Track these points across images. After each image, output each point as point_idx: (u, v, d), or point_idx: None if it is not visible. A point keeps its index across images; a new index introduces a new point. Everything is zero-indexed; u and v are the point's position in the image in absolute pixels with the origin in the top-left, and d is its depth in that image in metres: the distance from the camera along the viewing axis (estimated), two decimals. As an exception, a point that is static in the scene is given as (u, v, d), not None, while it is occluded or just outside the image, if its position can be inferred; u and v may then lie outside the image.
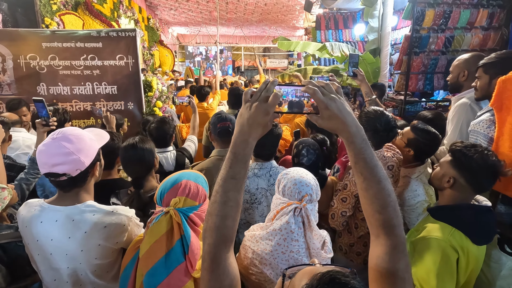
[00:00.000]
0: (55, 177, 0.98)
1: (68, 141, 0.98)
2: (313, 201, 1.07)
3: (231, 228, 0.65)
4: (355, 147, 0.64)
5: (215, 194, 0.65)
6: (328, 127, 0.65)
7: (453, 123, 1.87)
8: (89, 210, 1.03)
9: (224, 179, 0.65)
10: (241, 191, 0.66)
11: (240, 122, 0.66)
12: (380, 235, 0.66)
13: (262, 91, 0.65)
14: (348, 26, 6.45)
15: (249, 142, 0.65)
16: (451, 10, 2.74)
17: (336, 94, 0.64)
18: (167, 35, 12.92)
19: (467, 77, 1.86)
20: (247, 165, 0.67)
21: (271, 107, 0.64)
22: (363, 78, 1.98)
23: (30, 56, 3.06)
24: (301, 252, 1.01)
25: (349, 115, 0.63)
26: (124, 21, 7.38)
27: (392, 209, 0.65)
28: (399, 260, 0.63)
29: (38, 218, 1.00)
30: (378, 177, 0.65)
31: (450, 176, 1.18)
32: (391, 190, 0.66)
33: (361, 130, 0.65)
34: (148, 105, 3.71)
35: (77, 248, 1.00)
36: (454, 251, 1.10)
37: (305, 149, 1.62)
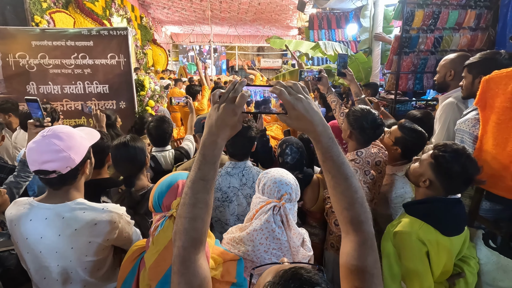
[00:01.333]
0: (45, 175, 0.98)
1: (58, 139, 0.98)
2: (292, 200, 1.08)
3: (200, 230, 0.65)
4: (322, 145, 0.65)
5: (184, 196, 0.65)
6: (296, 126, 0.66)
7: (441, 122, 1.91)
8: (79, 207, 1.03)
9: (193, 180, 0.65)
10: (211, 192, 0.66)
11: (208, 123, 0.66)
12: (349, 231, 0.67)
13: (229, 92, 0.65)
14: (340, 26, 6.51)
15: (218, 143, 0.65)
16: (440, 11, 2.79)
17: (303, 94, 0.65)
18: (160, 34, 12.83)
19: (454, 76, 1.90)
20: (216, 166, 0.67)
21: (239, 107, 0.64)
22: (352, 78, 2.01)
23: (19, 54, 3.02)
24: (283, 249, 1.03)
25: (316, 115, 0.64)
26: (117, 19, 7.31)
27: (359, 205, 0.66)
28: (368, 255, 0.64)
29: (27, 216, 1.00)
30: (345, 174, 0.66)
31: (427, 177, 1.21)
32: (358, 187, 0.67)
33: (328, 129, 0.66)
34: (141, 104, 3.69)
35: (67, 246, 1.00)
36: (422, 244, 1.15)
37: (288, 148, 1.63)
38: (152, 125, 2.00)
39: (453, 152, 1.18)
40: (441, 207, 1.22)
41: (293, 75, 4.96)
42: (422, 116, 2.07)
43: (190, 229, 0.64)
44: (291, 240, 1.03)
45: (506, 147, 1.29)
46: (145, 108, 3.69)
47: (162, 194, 0.92)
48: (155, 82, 4.28)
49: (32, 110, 1.61)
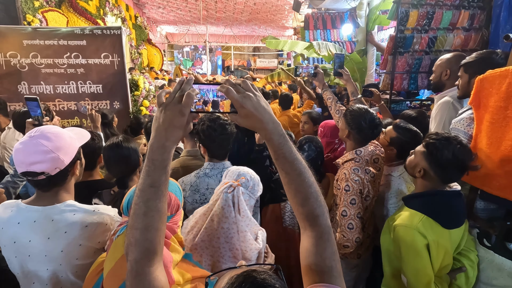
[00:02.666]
0: (33, 176, 0.95)
1: (46, 139, 0.95)
2: (248, 187, 1.12)
3: (154, 240, 0.61)
4: (274, 143, 0.64)
5: (134, 206, 0.61)
6: (246, 125, 0.64)
7: (436, 120, 1.92)
8: (69, 209, 1.00)
9: (142, 189, 0.61)
10: (163, 198, 0.63)
11: (155, 126, 0.62)
12: (306, 227, 0.67)
13: (176, 92, 0.62)
14: (336, 26, 6.52)
15: (167, 147, 0.62)
16: (434, 11, 2.80)
17: (252, 91, 0.63)
18: (155, 34, 12.75)
19: (449, 76, 1.91)
20: (167, 171, 0.63)
21: (186, 107, 0.61)
22: (349, 78, 2.00)
23: (10, 53, 2.97)
24: (231, 230, 1.07)
25: (265, 112, 0.63)
26: (111, 19, 7.24)
27: (314, 199, 0.66)
28: (325, 249, 0.64)
29: (15, 219, 0.97)
30: (299, 170, 0.65)
31: (421, 167, 1.22)
32: (312, 181, 0.67)
33: (278, 126, 0.64)
34: (135, 105, 3.65)
35: (57, 249, 0.97)
36: (423, 237, 1.14)
37: (307, 144, 1.67)
38: (150, 124, 1.98)
39: (444, 140, 1.19)
40: (441, 199, 1.22)
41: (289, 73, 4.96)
42: (417, 115, 2.08)
43: (142, 240, 0.60)
44: (239, 222, 1.07)
45: (500, 146, 1.30)
46: (140, 108, 3.66)
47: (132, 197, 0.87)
48: (149, 82, 4.25)
49: (31, 109, 1.59)
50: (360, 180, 1.42)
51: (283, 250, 1.74)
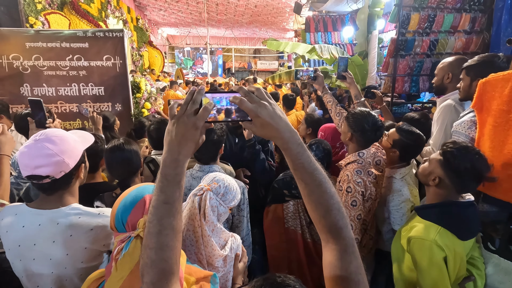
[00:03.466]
0: (38, 180, 0.95)
1: (51, 142, 0.95)
2: (219, 194, 1.13)
3: (170, 260, 0.59)
4: (291, 153, 0.62)
5: (148, 224, 0.60)
6: (261, 134, 0.62)
7: (438, 123, 1.92)
8: (74, 212, 1.00)
9: (156, 206, 0.59)
10: (177, 215, 0.61)
11: (168, 140, 0.61)
12: (329, 240, 0.64)
13: (188, 104, 0.60)
14: (337, 28, 6.55)
15: (180, 160, 0.60)
16: (435, 14, 2.81)
17: (267, 99, 0.61)
18: (156, 36, 12.80)
19: (451, 79, 1.91)
20: (181, 186, 0.61)
21: (200, 120, 0.60)
22: (352, 81, 2.01)
23: (13, 56, 2.98)
24: (196, 234, 1.09)
25: (281, 121, 0.61)
26: (112, 21, 7.27)
27: (336, 211, 0.63)
28: (350, 263, 0.62)
29: (20, 223, 0.97)
30: (319, 181, 0.62)
31: (436, 175, 1.20)
32: (333, 192, 0.64)
33: (296, 134, 0.62)
34: (137, 107, 3.66)
35: (62, 252, 0.97)
36: (440, 250, 1.12)
37: (315, 145, 1.69)
38: (153, 127, 1.99)
39: (462, 149, 1.17)
40: (457, 210, 1.19)
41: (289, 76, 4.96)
42: (420, 117, 2.08)
43: (158, 260, 0.58)
44: (203, 226, 1.08)
45: (502, 150, 1.30)
46: (141, 110, 3.66)
47: (126, 211, 0.82)
48: (151, 84, 4.26)
49: (34, 111, 1.58)
50: (363, 182, 1.42)
51: (285, 251, 1.73)
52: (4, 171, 1.13)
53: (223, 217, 1.18)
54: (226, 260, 1.15)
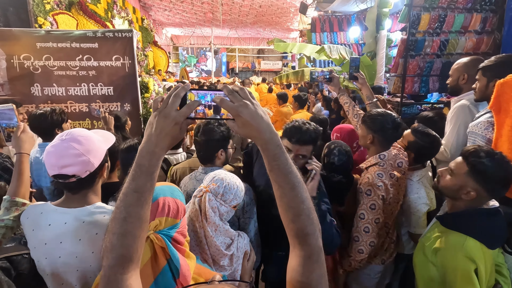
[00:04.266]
0: (64, 179, 0.96)
1: (77, 142, 0.96)
2: (218, 194, 1.12)
3: (130, 247, 0.59)
4: (269, 154, 0.62)
5: (116, 210, 0.60)
6: (243, 134, 0.63)
7: (452, 123, 1.91)
8: (99, 211, 1.00)
9: (126, 193, 0.60)
10: (145, 206, 0.61)
11: (148, 131, 0.61)
12: (295, 245, 0.64)
13: (170, 98, 0.61)
14: (342, 28, 6.53)
15: (156, 153, 0.61)
16: (446, 14, 2.79)
17: (249, 99, 0.61)
18: (161, 36, 12.83)
19: (467, 80, 1.90)
20: (154, 177, 0.62)
21: (181, 116, 0.60)
22: (364, 82, 1.99)
23: (24, 56, 3.00)
24: (199, 234, 1.11)
25: (262, 121, 0.61)
26: (118, 21, 7.30)
27: (305, 216, 0.62)
28: (313, 271, 0.61)
29: (46, 221, 0.98)
30: (292, 184, 0.62)
31: (470, 189, 1.13)
32: (305, 197, 0.63)
33: (276, 136, 0.62)
34: (145, 107, 3.67)
35: (88, 250, 0.97)
36: (471, 261, 1.08)
37: (337, 149, 1.64)
38: None
39: (489, 156, 1.12)
40: (484, 218, 1.15)
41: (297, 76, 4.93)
42: (434, 115, 2.07)
43: (118, 245, 0.58)
44: (205, 227, 1.10)
45: (522, 151, 1.29)
46: (149, 110, 3.68)
47: None
48: (158, 84, 4.28)
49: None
50: (383, 185, 1.40)
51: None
52: (25, 169, 1.14)
53: (226, 216, 1.18)
54: (232, 259, 1.16)
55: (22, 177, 1.12)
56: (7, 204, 1.06)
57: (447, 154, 1.82)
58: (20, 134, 1.17)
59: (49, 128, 1.97)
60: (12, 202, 1.06)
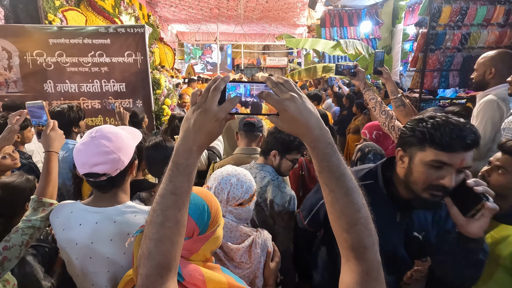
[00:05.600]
0: (95, 178, 0.93)
1: (107, 140, 0.92)
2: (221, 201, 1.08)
3: (169, 254, 0.56)
4: (319, 153, 0.56)
5: (152, 213, 0.56)
6: (289, 130, 0.57)
7: (478, 119, 1.85)
8: (130, 210, 0.97)
9: (163, 195, 0.56)
10: (183, 208, 0.57)
11: (185, 127, 0.57)
12: (350, 259, 0.57)
13: (209, 90, 0.56)
14: (353, 23, 6.43)
15: (193, 151, 0.56)
16: (468, 7, 2.71)
17: (296, 92, 0.56)
18: (166, 32, 12.79)
19: (494, 74, 1.83)
20: (192, 177, 0.57)
21: (223, 112, 0.55)
22: (389, 76, 1.92)
23: (36, 52, 2.98)
24: None
25: (311, 116, 0.55)
26: (125, 17, 7.27)
27: (362, 227, 0.56)
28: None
29: (77, 221, 0.95)
30: (346, 189, 0.56)
31: None
32: (361, 204, 0.57)
33: (327, 133, 0.56)
34: (156, 103, 3.64)
35: (119, 251, 0.94)
36: None
37: (371, 153, 1.56)
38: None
39: None
40: None
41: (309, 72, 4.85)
42: (460, 109, 2.00)
43: (156, 252, 0.55)
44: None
45: None
46: (162, 107, 3.65)
47: None
48: (169, 81, 4.24)
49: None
50: None
51: None
52: (53, 168, 1.11)
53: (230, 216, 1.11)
54: (251, 255, 1.11)
55: (50, 176, 1.09)
56: (34, 204, 1.03)
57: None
58: (49, 132, 1.14)
59: (66, 126, 1.95)
60: (39, 203, 1.03)
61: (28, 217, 1.00)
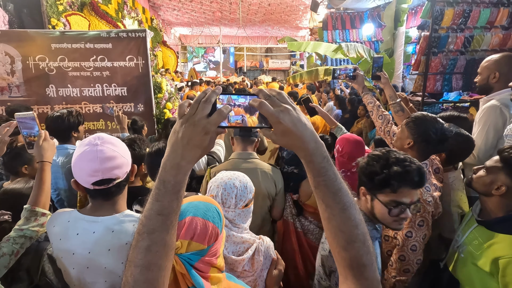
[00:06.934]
0: (108, 183, 0.92)
1: (112, 145, 0.93)
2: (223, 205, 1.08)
3: (156, 282, 0.51)
4: (314, 167, 0.54)
5: (137, 237, 0.52)
6: (283, 143, 0.55)
7: (480, 124, 1.81)
8: (128, 219, 0.96)
9: (149, 216, 0.51)
10: (171, 230, 0.52)
11: (172, 141, 0.53)
12: (348, 277, 0.55)
13: (199, 103, 0.52)
14: (355, 26, 6.41)
15: (182, 167, 0.52)
16: (471, 9, 2.69)
17: (290, 104, 0.54)
18: (169, 35, 12.87)
19: (498, 78, 1.80)
20: (180, 196, 0.53)
21: (212, 125, 0.51)
22: (387, 81, 1.90)
23: (39, 57, 3.00)
24: None
25: (306, 129, 0.53)
26: (128, 21, 7.32)
27: (360, 244, 0.54)
28: None
29: (74, 230, 0.94)
30: (343, 204, 0.54)
31: (502, 184, 1.13)
32: (359, 220, 0.55)
33: (322, 146, 0.54)
34: (158, 107, 3.65)
35: (117, 261, 0.93)
36: None
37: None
38: None
39: None
40: None
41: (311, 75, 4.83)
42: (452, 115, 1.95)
43: (142, 281, 0.50)
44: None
45: None
46: (163, 110, 3.65)
47: None
48: (170, 84, 4.25)
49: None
50: (433, 200, 1.29)
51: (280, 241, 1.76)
52: (46, 178, 1.10)
53: (240, 219, 1.11)
54: (253, 263, 1.09)
55: (43, 186, 1.09)
56: (27, 213, 1.03)
57: (474, 157, 1.72)
58: (42, 142, 1.14)
59: (66, 131, 1.95)
60: (32, 212, 1.03)
61: (20, 226, 0.99)
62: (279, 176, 1.70)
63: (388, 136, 1.72)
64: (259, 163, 1.68)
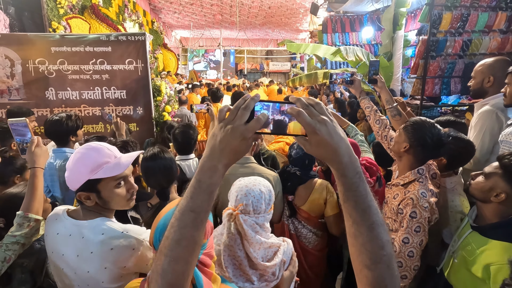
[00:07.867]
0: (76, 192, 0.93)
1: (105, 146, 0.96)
2: (249, 212, 1.07)
3: (181, 274, 0.54)
4: (346, 181, 0.53)
5: (170, 229, 0.55)
6: (316, 154, 0.55)
7: (476, 129, 1.81)
8: (99, 228, 0.95)
9: (182, 211, 0.54)
10: (201, 228, 0.55)
11: (211, 144, 0.55)
12: None
13: (238, 109, 0.54)
14: (355, 29, 6.43)
15: (218, 169, 0.54)
16: (469, 13, 2.69)
17: (327, 115, 0.54)
18: (170, 38, 12.92)
19: (493, 83, 1.80)
20: (212, 197, 0.55)
21: (250, 131, 0.53)
22: (383, 85, 1.89)
23: (39, 60, 3.01)
24: (241, 257, 1.05)
25: (342, 142, 0.53)
26: (129, 24, 7.35)
27: (385, 266, 0.52)
28: None
29: (55, 229, 0.95)
30: (371, 222, 0.53)
31: (500, 190, 1.11)
32: (386, 241, 0.53)
33: (356, 161, 0.54)
34: (157, 110, 3.66)
35: (84, 268, 0.92)
36: None
37: (296, 144, 1.71)
38: (178, 130, 1.96)
39: None
40: None
41: (310, 78, 4.83)
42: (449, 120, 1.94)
43: (168, 271, 0.53)
44: (247, 250, 1.04)
45: None
46: (162, 113, 3.66)
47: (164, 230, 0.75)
48: (170, 87, 4.26)
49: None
50: (429, 206, 1.27)
51: None
52: (39, 184, 1.10)
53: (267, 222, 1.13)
54: (281, 266, 1.11)
55: (36, 192, 1.09)
56: (20, 220, 1.03)
57: (470, 162, 1.71)
58: (34, 148, 1.14)
59: (64, 135, 1.95)
60: (24, 218, 1.03)
61: (13, 232, 1.00)
62: (277, 181, 1.71)
63: (385, 140, 1.72)
64: (256, 168, 1.68)
